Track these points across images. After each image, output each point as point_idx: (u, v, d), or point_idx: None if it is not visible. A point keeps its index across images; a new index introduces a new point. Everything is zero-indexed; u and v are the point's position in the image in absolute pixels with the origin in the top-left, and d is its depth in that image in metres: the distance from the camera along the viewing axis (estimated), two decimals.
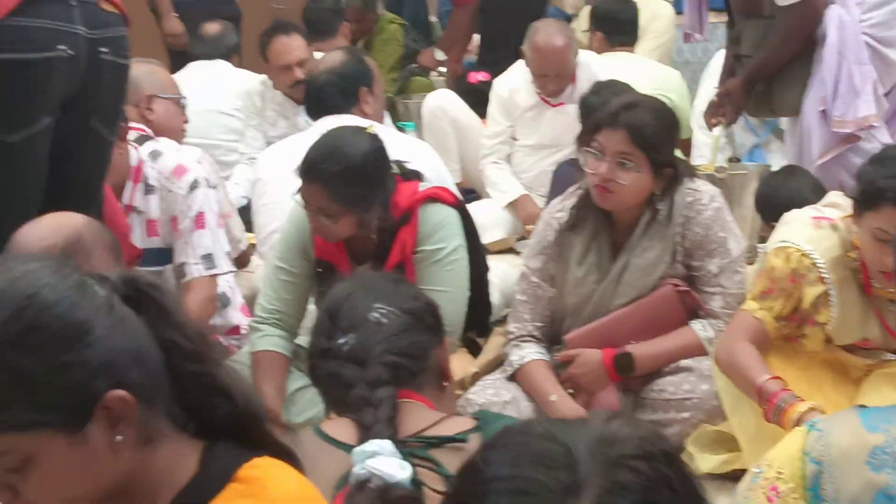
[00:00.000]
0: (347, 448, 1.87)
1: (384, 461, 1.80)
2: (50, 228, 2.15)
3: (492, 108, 5.20)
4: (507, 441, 1.08)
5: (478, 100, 5.40)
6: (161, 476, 1.40)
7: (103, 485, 1.37)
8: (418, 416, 1.95)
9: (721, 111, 4.25)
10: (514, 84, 5.11)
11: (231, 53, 5.81)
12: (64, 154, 2.93)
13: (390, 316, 2.03)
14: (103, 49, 2.92)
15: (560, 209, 3.31)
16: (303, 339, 3.46)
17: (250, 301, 3.79)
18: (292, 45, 5.24)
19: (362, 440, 1.86)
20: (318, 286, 3.32)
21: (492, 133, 5.19)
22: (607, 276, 3.23)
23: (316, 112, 4.02)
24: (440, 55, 6.67)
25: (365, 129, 3.26)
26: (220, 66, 5.70)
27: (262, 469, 1.40)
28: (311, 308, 3.40)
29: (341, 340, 2.01)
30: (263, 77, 5.41)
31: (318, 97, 4.05)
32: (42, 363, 1.29)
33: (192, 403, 1.42)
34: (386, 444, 1.82)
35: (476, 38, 6.95)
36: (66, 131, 2.91)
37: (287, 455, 1.46)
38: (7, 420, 1.29)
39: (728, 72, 4.32)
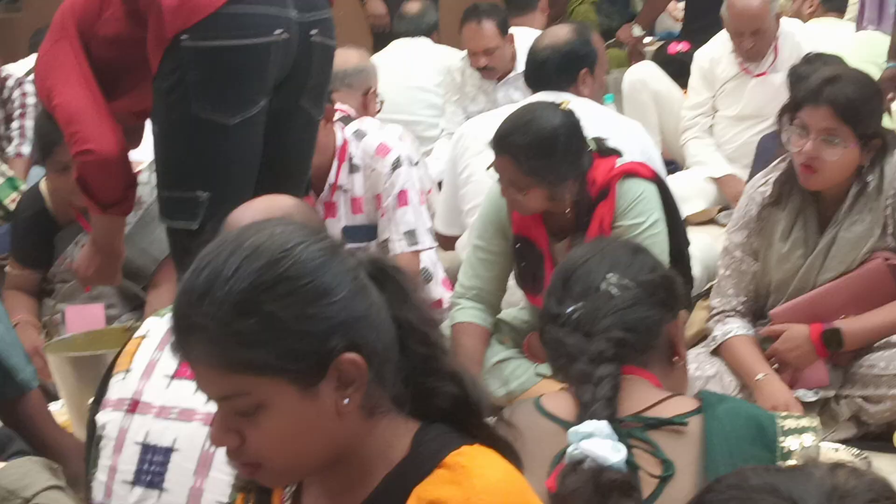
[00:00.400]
0: (565, 424, 1.86)
1: (599, 443, 1.78)
2: (261, 210, 2.22)
3: (693, 79, 5.12)
4: (724, 496, 1.04)
5: (678, 70, 5.33)
6: (376, 452, 1.44)
7: (323, 448, 1.42)
8: (641, 394, 1.90)
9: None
10: (715, 54, 5.03)
11: (431, 30, 5.87)
12: (274, 133, 3.02)
13: (623, 287, 1.96)
14: (313, 31, 3.00)
15: (763, 183, 3.25)
16: (505, 313, 3.50)
17: (452, 275, 3.85)
18: (481, 34, 5.25)
19: (580, 417, 1.84)
20: (517, 262, 3.35)
21: (692, 104, 5.11)
22: (814, 251, 3.16)
23: (533, 85, 3.99)
24: (637, 31, 6.60)
25: (559, 104, 3.27)
26: (422, 43, 5.77)
27: (469, 457, 1.41)
28: (511, 284, 3.43)
29: (570, 309, 1.97)
30: (464, 53, 5.45)
31: (536, 71, 3.99)
32: (289, 311, 1.36)
33: (416, 384, 1.46)
34: (602, 426, 1.80)
35: (680, 7, 6.85)
36: (277, 111, 3.00)
37: (503, 447, 1.46)
38: (251, 361, 1.36)
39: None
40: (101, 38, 3.02)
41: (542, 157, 3.10)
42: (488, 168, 3.24)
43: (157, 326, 2.24)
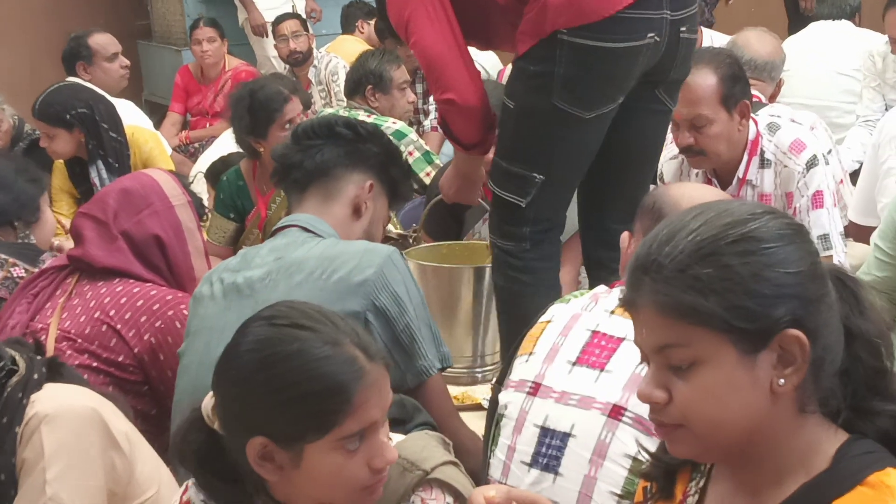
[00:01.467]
0: None
1: None
2: (704, 193, 2.22)
3: None
4: None
5: None
6: (797, 455, 1.43)
7: (745, 422, 1.41)
8: None
9: None
10: None
11: (854, 13, 5.66)
12: (626, 124, 3.03)
13: None
14: (683, 28, 2.98)
15: None
16: None
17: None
18: None
19: None
20: None
21: None
22: None
23: None
24: None
25: None
26: (842, 26, 5.57)
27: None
28: None
29: None
30: (886, 38, 5.21)
31: None
32: (746, 268, 1.39)
33: (858, 399, 1.44)
34: None
35: None
36: (632, 102, 3.00)
37: None
38: (699, 309, 1.39)
39: None
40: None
41: None
42: None
43: (561, 312, 2.28)
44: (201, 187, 4.93)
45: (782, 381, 1.39)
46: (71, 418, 2.09)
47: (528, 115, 2.98)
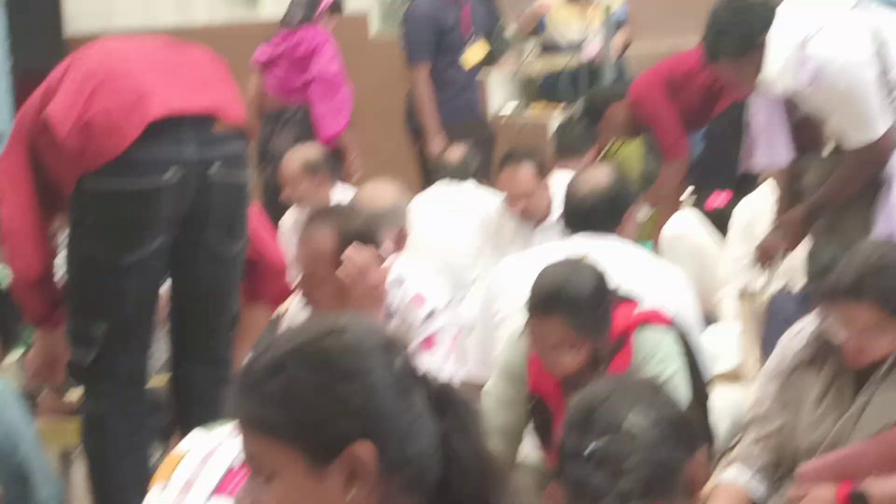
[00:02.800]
0: None
1: None
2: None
3: (732, 233, 5.11)
4: None
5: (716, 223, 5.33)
6: None
7: None
8: None
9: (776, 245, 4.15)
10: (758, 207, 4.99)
11: (475, 175, 5.89)
12: (179, 266, 3.12)
13: (647, 425, 1.97)
14: (213, 167, 3.07)
15: (798, 334, 3.14)
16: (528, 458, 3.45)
17: None
18: (518, 178, 5.24)
19: None
20: (533, 419, 3.28)
21: (732, 258, 5.03)
22: (846, 413, 3.04)
23: (575, 227, 3.95)
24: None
25: (580, 259, 3.22)
26: (465, 187, 5.81)
27: None
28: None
29: (592, 446, 1.96)
30: (504, 196, 5.47)
31: (582, 215, 3.94)
32: (311, 382, 1.42)
33: None
34: None
35: None
36: (181, 247, 3.09)
37: None
38: (266, 420, 1.42)
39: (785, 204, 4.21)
40: (46, 155, 3.10)
41: (592, 310, 3.05)
42: (520, 335, 3.20)
43: (201, 443, 2.25)
44: None
45: (351, 495, 1.42)
46: None
47: (75, 270, 3.03)
